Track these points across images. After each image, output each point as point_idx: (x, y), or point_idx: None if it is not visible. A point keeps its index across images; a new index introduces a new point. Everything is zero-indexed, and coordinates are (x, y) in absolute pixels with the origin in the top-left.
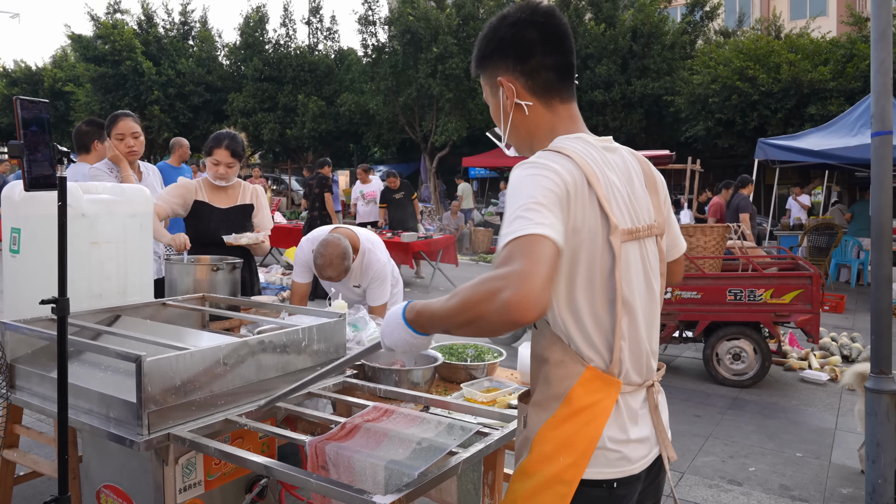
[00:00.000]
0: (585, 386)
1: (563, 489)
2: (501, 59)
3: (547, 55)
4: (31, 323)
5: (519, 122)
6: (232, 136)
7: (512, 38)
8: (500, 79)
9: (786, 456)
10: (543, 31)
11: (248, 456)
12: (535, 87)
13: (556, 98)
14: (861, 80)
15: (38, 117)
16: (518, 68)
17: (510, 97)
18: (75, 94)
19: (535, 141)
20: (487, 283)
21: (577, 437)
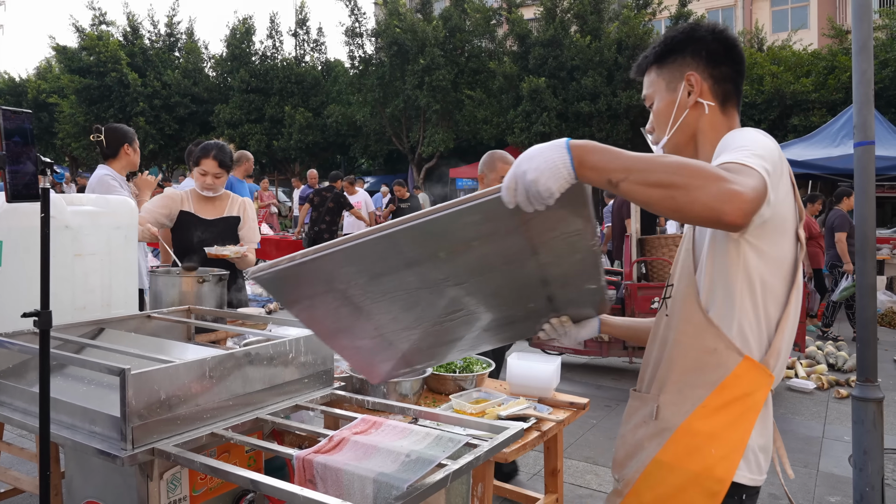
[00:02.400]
0: (741, 377)
1: (716, 486)
2: (693, 56)
3: (733, 69)
4: (12, 336)
5: (692, 121)
6: (220, 147)
7: (711, 41)
8: (689, 73)
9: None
10: (735, 46)
11: (234, 470)
12: (718, 92)
13: (731, 107)
14: (842, 91)
15: (21, 128)
16: (708, 71)
17: (695, 94)
18: (60, 106)
19: (699, 143)
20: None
21: (730, 430)
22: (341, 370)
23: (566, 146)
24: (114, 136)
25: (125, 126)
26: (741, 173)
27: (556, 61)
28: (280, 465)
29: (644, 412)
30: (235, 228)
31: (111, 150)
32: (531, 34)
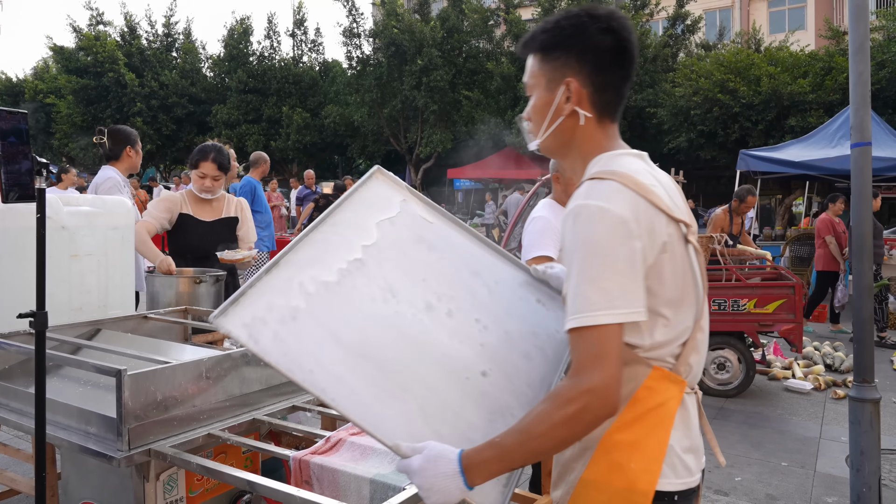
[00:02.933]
0: (651, 387)
1: (640, 499)
2: (578, 58)
3: (619, 76)
4: (8, 337)
5: (567, 128)
6: (218, 149)
7: (601, 44)
8: (569, 79)
9: (771, 465)
10: (626, 50)
11: (231, 471)
12: (598, 102)
13: (608, 117)
14: (839, 92)
15: (17, 128)
16: (591, 77)
17: (572, 102)
18: (57, 106)
19: (576, 152)
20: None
21: (648, 441)
22: None
23: (461, 474)
24: (117, 138)
25: (128, 128)
26: (587, 366)
27: None
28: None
29: None
30: (234, 229)
31: (114, 151)
32: None
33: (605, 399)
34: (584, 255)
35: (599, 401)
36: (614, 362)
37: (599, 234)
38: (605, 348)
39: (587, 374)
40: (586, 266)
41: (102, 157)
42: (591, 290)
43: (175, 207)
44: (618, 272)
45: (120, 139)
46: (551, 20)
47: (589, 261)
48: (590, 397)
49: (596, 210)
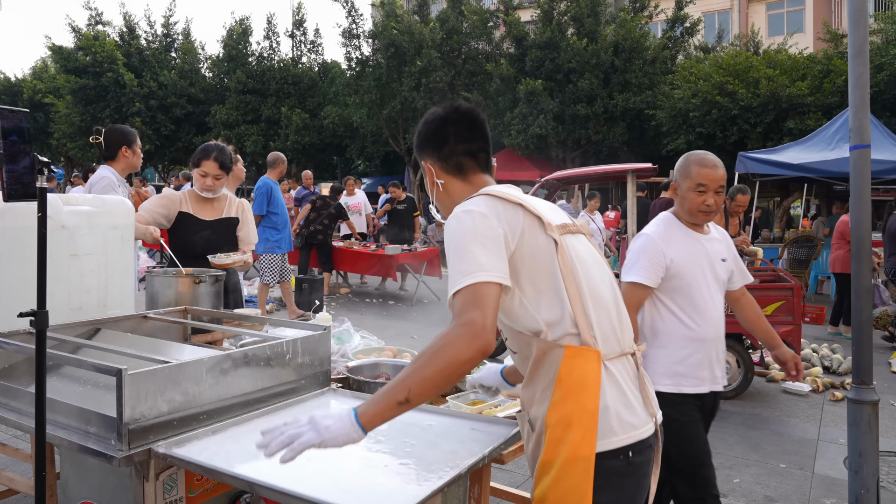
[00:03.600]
0: (569, 364)
1: (584, 464)
2: (425, 149)
3: (458, 143)
4: (8, 336)
5: (441, 195)
6: (220, 149)
7: (432, 133)
8: (423, 163)
9: (769, 467)
10: (457, 125)
11: (230, 471)
12: (449, 168)
13: (468, 173)
14: (838, 95)
15: (19, 127)
16: (435, 154)
17: (430, 177)
18: (55, 106)
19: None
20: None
21: (578, 411)
22: (338, 371)
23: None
24: (112, 138)
25: (126, 127)
26: (465, 309)
27: (553, 64)
28: None
29: (525, 428)
30: (234, 229)
31: (109, 151)
32: (528, 36)
33: (480, 329)
34: (457, 242)
35: (473, 330)
36: (490, 308)
37: (466, 225)
38: (479, 297)
39: (464, 315)
40: (458, 248)
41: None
42: (462, 264)
43: (173, 206)
44: (484, 247)
45: (115, 139)
46: (416, 130)
47: (460, 244)
48: (464, 328)
49: (462, 212)
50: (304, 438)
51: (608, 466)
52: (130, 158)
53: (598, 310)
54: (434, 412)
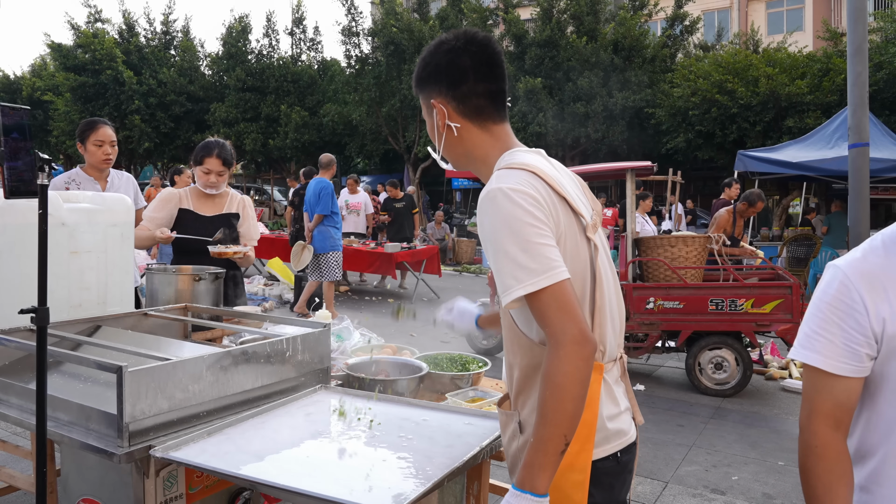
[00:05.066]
0: None
1: (579, 476)
2: (435, 83)
3: (478, 82)
4: (8, 333)
5: (453, 141)
6: (221, 145)
7: (446, 65)
8: (433, 101)
9: (768, 465)
10: (476, 60)
11: (230, 469)
12: (467, 111)
13: (488, 120)
14: (837, 93)
15: (20, 124)
16: (450, 93)
17: (441, 119)
18: (54, 104)
19: (473, 158)
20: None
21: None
22: (338, 368)
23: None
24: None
25: (85, 120)
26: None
27: (553, 62)
28: None
29: (511, 427)
30: (235, 225)
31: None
32: (527, 35)
33: (584, 338)
34: (511, 230)
35: (580, 346)
36: (578, 310)
37: (519, 210)
38: (566, 302)
39: (561, 330)
40: (517, 237)
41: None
42: (528, 258)
43: (172, 206)
44: (545, 237)
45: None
46: (420, 60)
47: (517, 234)
48: (571, 348)
49: (511, 191)
50: None
51: (600, 468)
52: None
53: (611, 320)
54: (431, 408)
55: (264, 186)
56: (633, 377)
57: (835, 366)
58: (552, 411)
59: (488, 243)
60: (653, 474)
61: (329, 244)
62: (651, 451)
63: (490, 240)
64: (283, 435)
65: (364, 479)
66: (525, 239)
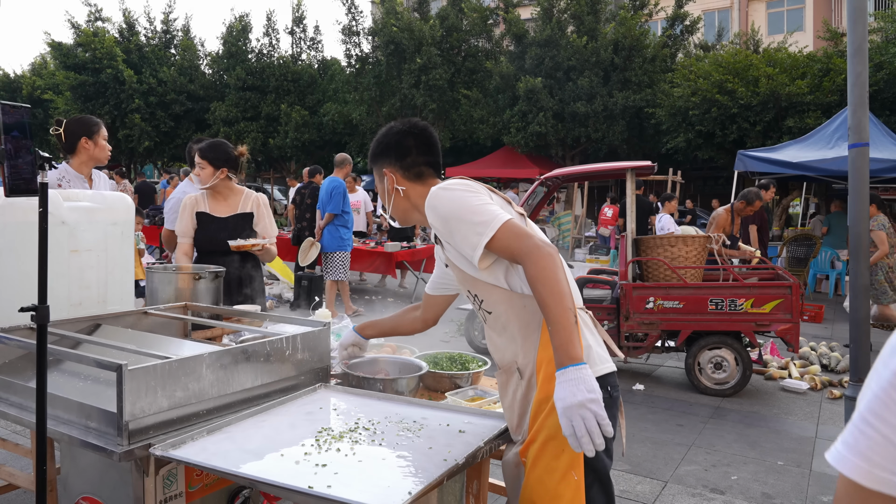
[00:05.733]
0: None
1: None
2: (387, 158)
3: (419, 152)
4: (8, 332)
5: (401, 200)
6: (210, 143)
7: (395, 145)
8: (385, 171)
9: (767, 464)
10: (418, 140)
11: (230, 467)
12: (410, 176)
13: (427, 178)
14: (837, 93)
15: (20, 122)
16: (398, 163)
17: (391, 184)
18: (55, 102)
19: (416, 209)
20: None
21: None
22: (337, 367)
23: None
24: (70, 130)
25: (88, 117)
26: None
27: (553, 61)
28: None
29: (513, 379)
30: (250, 224)
31: (68, 144)
32: (528, 34)
33: (546, 244)
34: (456, 206)
35: (543, 249)
36: (530, 232)
37: (457, 192)
38: (517, 230)
39: (524, 247)
40: (463, 209)
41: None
42: (478, 216)
43: (190, 210)
44: (486, 201)
45: (73, 130)
46: (374, 141)
47: (462, 205)
48: (537, 250)
49: (444, 186)
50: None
51: None
52: (91, 150)
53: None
54: (430, 407)
55: (264, 185)
56: (633, 377)
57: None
58: (552, 295)
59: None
60: (652, 474)
61: (337, 244)
62: (650, 451)
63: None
64: (282, 434)
65: (364, 478)
66: (468, 206)
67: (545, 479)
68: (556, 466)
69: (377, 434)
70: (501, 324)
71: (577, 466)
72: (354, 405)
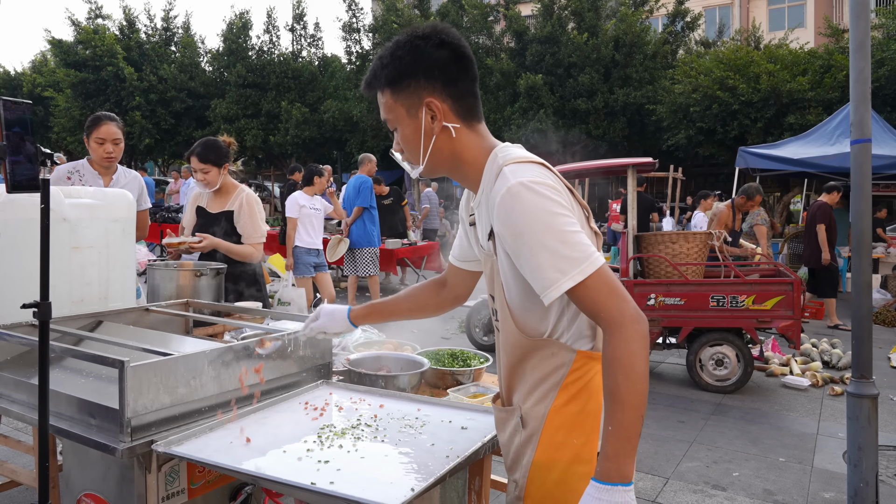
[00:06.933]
0: (578, 369)
1: (585, 468)
2: (428, 79)
3: (468, 80)
4: (10, 328)
5: (443, 145)
6: (202, 143)
7: (441, 59)
8: (428, 100)
9: (769, 461)
10: (464, 55)
11: (232, 464)
12: (461, 111)
13: (474, 120)
14: (838, 90)
15: (22, 118)
16: (446, 91)
17: (439, 119)
18: (55, 100)
19: (462, 161)
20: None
21: (583, 417)
22: (339, 364)
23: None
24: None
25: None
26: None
27: (554, 58)
28: None
29: (513, 423)
30: (231, 222)
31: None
32: (528, 31)
33: (638, 316)
34: (543, 224)
35: (642, 322)
36: (624, 289)
37: (547, 202)
38: (612, 283)
39: (616, 310)
40: (548, 234)
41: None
42: (568, 249)
43: (192, 203)
44: (575, 225)
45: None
46: (386, 54)
47: (550, 226)
48: (632, 326)
49: (534, 184)
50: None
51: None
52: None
53: None
54: (432, 403)
55: (265, 183)
56: None
57: None
58: (628, 394)
59: (515, 243)
60: (653, 470)
61: (366, 239)
62: (652, 448)
63: (520, 236)
64: (284, 430)
65: (365, 475)
66: (560, 230)
67: None
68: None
69: (379, 430)
70: (516, 357)
71: None
72: (356, 402)
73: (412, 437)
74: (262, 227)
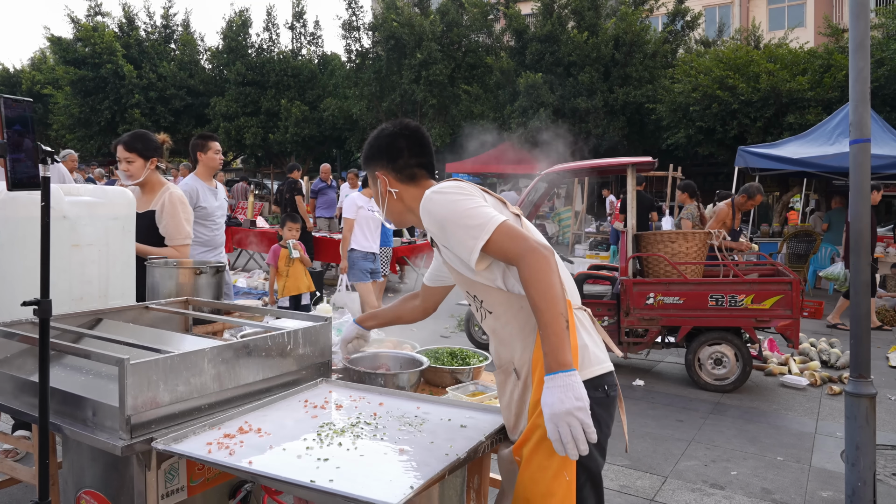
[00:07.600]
0: None
1: None
2: (379, 161)
3: (411, 157)
4: (10, 326)
5: (395, 203)
6: (134, 135)
7: (386, 147)
8: (378, 173)
9: (767, 460)
10: (410, 141)
11: (231, 461)
12: (404, 177)
13: (420, 179)
14: (838, 89)
15: (22, 116)
16: (391, 166)
17: (385, 186)
18: (54, 97)
19: (410, 210)
20: (535, 267)
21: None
22: (339, 362)
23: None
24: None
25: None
26: (512, 245)
27: (553, 57)
28: None
29: (510, 379)
30: (153, 223)
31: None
32: (528, 30)
33: (541, 245)
34: (451, 210)
35: (540, 248)
36: (526, 233)
37: (450, 195)
38: (513, 231)
39: (519, 249)
40: (458, 213)
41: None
42: (473, 220)
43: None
44: (479, 203)
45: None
46: (366, 144)
47: (456, 210)
48: (532, 254)
49: (438, 190)
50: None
51: (591, 398)
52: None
53: (562, 270)
54: (431, 402)
55: (264, 181)
56: (633, 373)
57: None
58: (543, 301)
59: (441, 233)
60: (652, 469)
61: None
62: (650, 446)
63: (440, 228)
64: (284, 428)
65: (365, 472)
66: (463, 209)
67: (538, 477)
68: (549, 465)
69: (379, 429)
70: (500, 324)
71: (569, 466)
72: (356, 400)
73: (411, 435)
74: (186, 228)
